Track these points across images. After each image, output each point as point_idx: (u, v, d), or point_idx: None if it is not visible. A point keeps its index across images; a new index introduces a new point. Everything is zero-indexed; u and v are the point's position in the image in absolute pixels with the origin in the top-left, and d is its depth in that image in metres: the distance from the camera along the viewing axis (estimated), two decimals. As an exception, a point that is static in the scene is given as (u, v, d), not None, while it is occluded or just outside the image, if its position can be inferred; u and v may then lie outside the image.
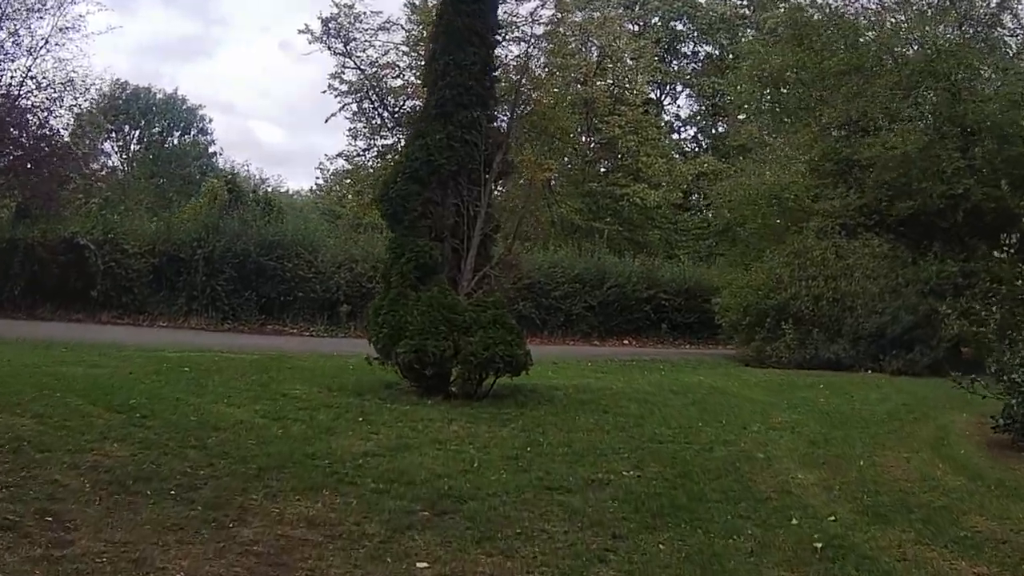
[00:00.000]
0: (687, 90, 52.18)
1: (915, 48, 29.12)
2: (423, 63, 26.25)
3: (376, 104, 42.85)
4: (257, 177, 68.34)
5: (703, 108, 52.79)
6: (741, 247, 30.83)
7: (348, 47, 41.95)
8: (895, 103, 27.65)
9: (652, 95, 51.31)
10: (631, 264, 35.52)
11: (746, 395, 18.64)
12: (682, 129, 54.22)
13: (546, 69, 41.13)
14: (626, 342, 33.88)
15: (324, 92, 42.94)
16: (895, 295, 25.77)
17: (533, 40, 39.53)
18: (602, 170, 45.84)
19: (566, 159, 44.36)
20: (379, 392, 15.86)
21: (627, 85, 45.60)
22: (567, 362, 24.01)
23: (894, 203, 26.94)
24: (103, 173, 43.44)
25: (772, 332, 26.37)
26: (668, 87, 52.35)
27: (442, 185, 16.59)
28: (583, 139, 45.51)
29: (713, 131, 53.00)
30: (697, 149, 51.80)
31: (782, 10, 32.35)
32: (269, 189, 66.32)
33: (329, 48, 41.78)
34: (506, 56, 39.66)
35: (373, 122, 43.23)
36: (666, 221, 46.34)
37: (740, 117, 44.51)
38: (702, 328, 35.04)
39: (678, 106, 54.23)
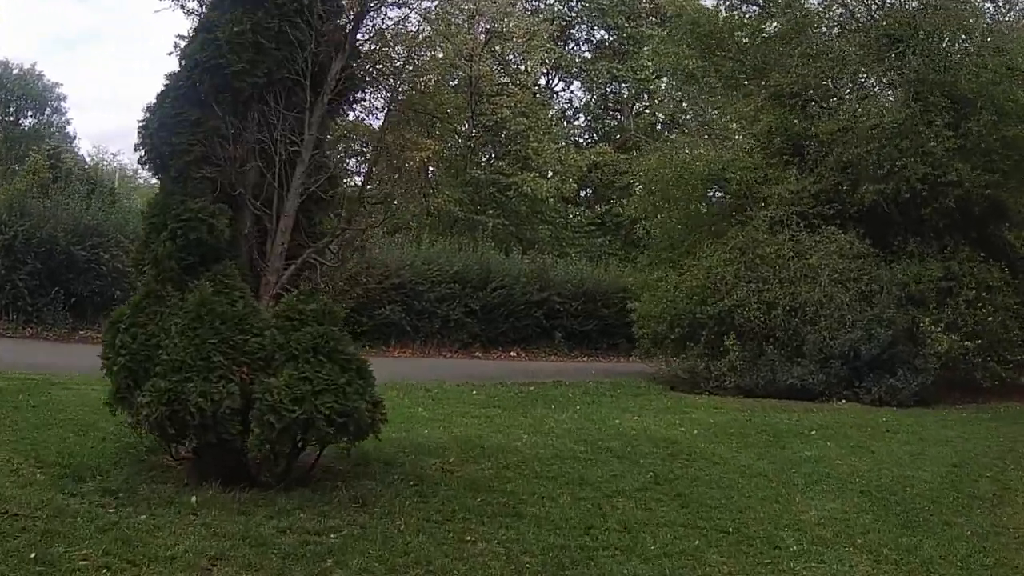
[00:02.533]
0: (582, 75, 44.48)
1: (872, 6, 22.26)
2: None
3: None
4: (129, 168, 58.74)
5: (597, 96, 45.27)
6: (665, 241, 23.32)
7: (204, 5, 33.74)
8: (864, 67, 20.76)
9: (543, 80, 44.01)
10: (519, 262, 28.21)
11: (725, 457, 11.50)
12: (575, 118, 46.64)
13: (428, 40, 33.73)
14: (514, 354, 26.64)
15: (170, 54, 34.71)
16: (866, 304, 18.96)
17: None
18: (486, 158, 38.15)
19: (446, 141, 36.60)
20: (120, 469, 8.57)
21: (517, 64, 38.45)
22: (445, 388, 16.79)
23: (857, 188, 20.12)
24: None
25: (710, 348, 19.37)
26: (561, 72, 44.67)
27: (239, 109, 9.12)
28: (466, 125, 37.68)
29: (608, 120, 45.45)
30: (590, 140, 44.39)
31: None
32: (140, 182, 56.99)
33: (183, 7, 33.50)
34: (383, 22, 32.43)
35: None
36: (557, 215, 39.04)
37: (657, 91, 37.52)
38: (601, 337, 28.33)
39: (571, 92, 46.77)
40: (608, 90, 45.04)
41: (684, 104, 26.38)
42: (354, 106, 11.13)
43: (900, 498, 9.80)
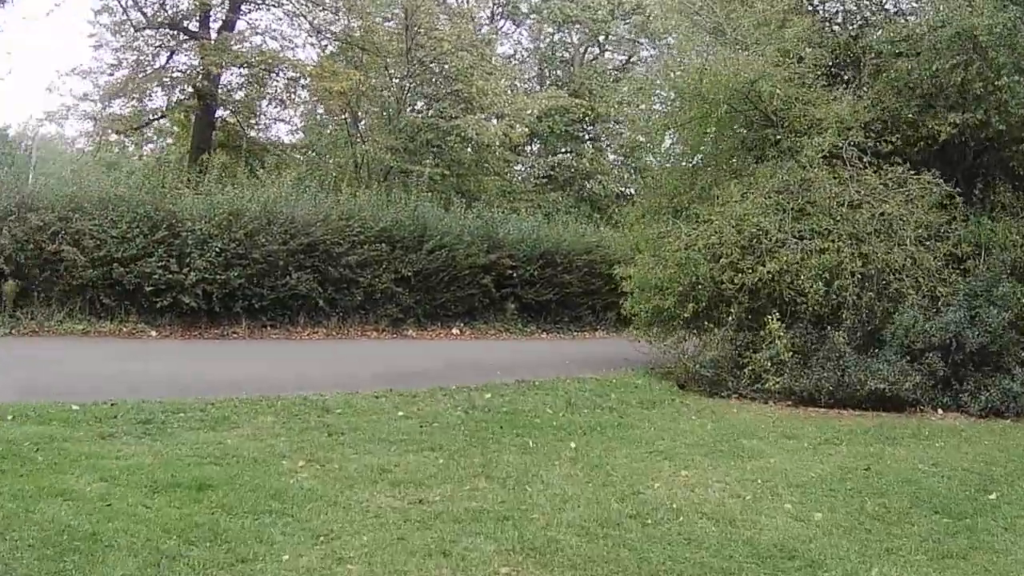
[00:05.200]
0: (531, 17, 37.33)
1: None
2: None
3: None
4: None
5: (547, 44, 37.96)
6: (669, 182, 16.18)
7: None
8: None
9: (487, 22, 36.48)
10: (463, 217, 21.26)
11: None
12: (523, 63, 39.25)
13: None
14: (456, 332, 19.85)
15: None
16: (957, 272, 12.57)
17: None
18: (423, 102, 30.85)
19: (375, 78, 29.23)
20: None
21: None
22: (356, 404, 10.04)
23: (925, 117, 13.62)
24: None
25: (741, 333, 12.78)
26: (508, 9, 37.18)
27: None
28: (402, 67, 30.12)
29: (557, 71, 37.95)
30: (539, 88, 37.27)
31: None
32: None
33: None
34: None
35: (123, 24, 26.93)
36: (506, 165, 32.01)
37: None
38: (562, 309, 21.68)
39: (520, 34, 39.46)
40: (557, 37, 38.04)
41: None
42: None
43: None
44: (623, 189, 35.42)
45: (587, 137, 36.00)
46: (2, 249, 14.84)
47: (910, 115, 13.97)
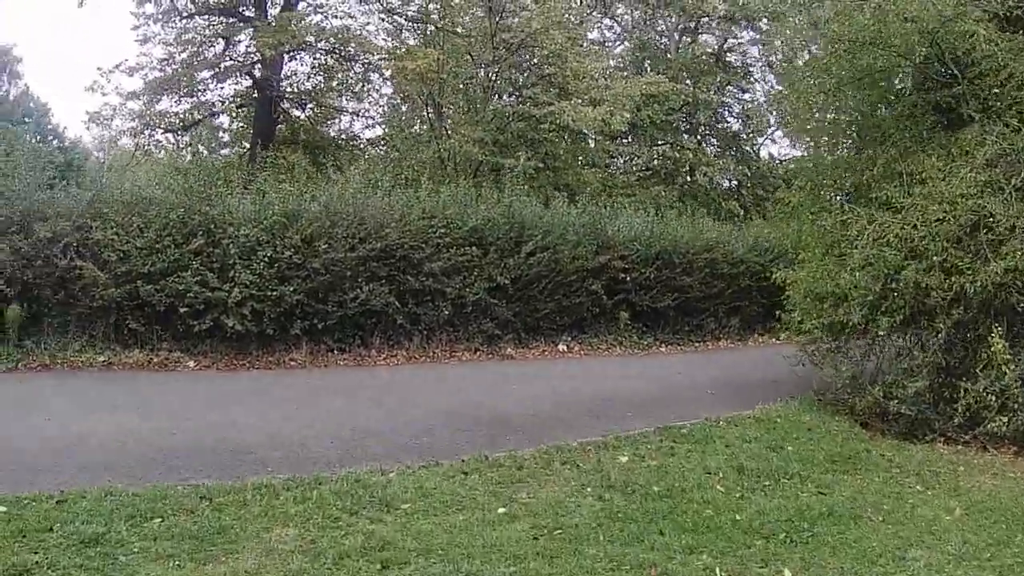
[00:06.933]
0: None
1: None
2: None
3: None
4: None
5: (646, 14, 34.10)
6: (839, 160, 12.16)
7: None
8: None
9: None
10: (567, 214, 17.71)
11: None
12: (616, 44, 35.48)
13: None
14: (562, 348, 16.48)
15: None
16: None
17: None
18: (512, 89, 27.31)
19: (458, 69, 25.80)
20: None
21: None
22: (432, 479, 6.81)
23: None
24: None
25: (962, 354, 9.10)
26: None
27: None
28: (487, 55, 26.57)
29: (653, 57, 34.07)
30: (635, 72, 33.43)
31: None
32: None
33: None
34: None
35: (170, 13, 23.98)
36: (607, 155, 28.45)
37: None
38: (681, 317, 18.14)
39: (608, 22, 35.57)
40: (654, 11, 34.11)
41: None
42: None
43: None
44: (730, 181, 32.17)
45: (684, 128, 32.27)
46: (2, 267, 11.93)
47: None
